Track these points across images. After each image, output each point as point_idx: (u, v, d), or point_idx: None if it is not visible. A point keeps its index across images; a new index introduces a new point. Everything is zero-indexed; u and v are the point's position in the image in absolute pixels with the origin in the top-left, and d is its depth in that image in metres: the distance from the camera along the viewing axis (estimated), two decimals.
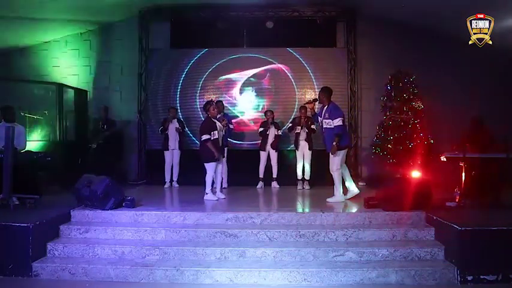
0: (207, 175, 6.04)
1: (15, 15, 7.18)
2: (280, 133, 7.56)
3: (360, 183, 7.63)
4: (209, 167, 6.00)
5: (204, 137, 5.93)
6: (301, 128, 7.21)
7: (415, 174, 5.93)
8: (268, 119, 7.47)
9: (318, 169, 7.17)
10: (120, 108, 8.78)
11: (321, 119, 5.89)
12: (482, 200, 5.23)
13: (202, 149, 6.02)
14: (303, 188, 7.29)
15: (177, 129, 7.52)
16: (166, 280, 4.10)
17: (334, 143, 5.61)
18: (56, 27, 8.30)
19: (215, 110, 6.15)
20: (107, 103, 8.48)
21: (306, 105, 6.48)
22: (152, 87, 8.79)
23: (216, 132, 6.00)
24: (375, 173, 8.16)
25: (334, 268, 4.13)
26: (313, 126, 7.12)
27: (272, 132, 7.44)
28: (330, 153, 5.73)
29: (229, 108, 8.53)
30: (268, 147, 7.47)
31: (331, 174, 5.86)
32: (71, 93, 8.16)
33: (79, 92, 8.43)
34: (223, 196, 6.23)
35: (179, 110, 8.48)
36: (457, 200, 5.31)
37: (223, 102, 7.78)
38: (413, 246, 4.40)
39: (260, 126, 7.63)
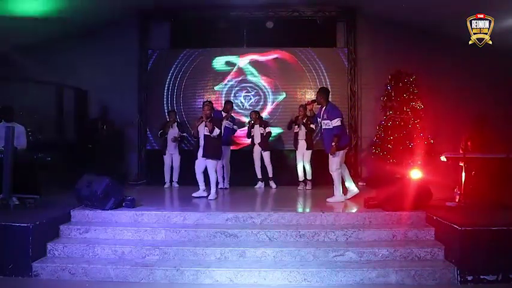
0: None
1: (15, 14, 7.18)
2: (270, 130, 7.42)
3: (359, 183, 7.63)
4: None
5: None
6: (298, 127, 7.19)
7: (415, 174, 5.93)
8: (252, 120, 7.47)
9: (318, 169, 7.16)
10: (120, 108, 8.78)
11: (320, 119, 5.89)
12: (482, 200, 5.23)
13: None
14: (305, 188, 7.26)
15: (174, 139, 7.52)
16: (166, 280, 4.10)
17: (333, 144, 5.61)
18: (56, 27, 8.29)
19: (205, 110, 6.13)
20: (107, 103, 8.48)
21: (306, 107, 6.46)
22: (152, 88, 8.80)
23: (196, 131, 6.23)
24: (374, 173, 8.16)
25: (334, 268, 4.13)
26: (312, 126, 7.08)
27: (257, 131, 7.40)
28: (330, 154, 5.73)
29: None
30: (256, 147, 7.44)
31: (331, 174, 5.86)
32: (71, 93, 8.16)
33: (79, 92, 8.42)
34: (200, 194, 6.27)
35: (179, 110, 8.49)
36: (457, 200, 5.31)
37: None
38: (413, 246, 4.40)
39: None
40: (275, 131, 8.25)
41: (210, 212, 5.20)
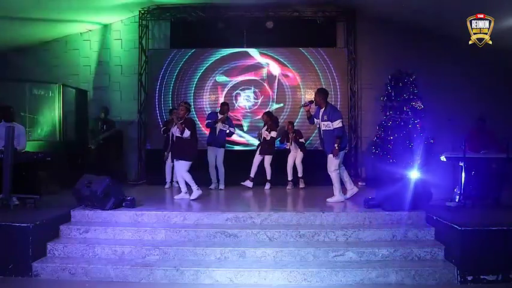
0: None
1: (15, 15, 7.18)
2: (274, 135, 7.31)
3: (360, 183, 7.64)
4: None
5: None
6: (291, 144, 7.38)
7: (415, 174, 5.92)
8: (263, 121, 7.49)
9: (316, 169, 7.12)
10: (120, 108, 8.79)
11: (318, 121, 5.81)
12: (482, 200, 5.23)
13: None
14: (293, 187, 7.34)
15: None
16: (166, 280, 4.10)
17: (336, 146, 5.57)
18: (56, 27, 8.30)
19: (178, 111, 6.13)
20: (107, 103, 8.49)
21: (303, 108, 6.37)
22: (152, 87, 8.80)
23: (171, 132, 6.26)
24: (374, 173, 8.17)
25: (334, 268, 4.13)
26: (301, 140, 7.36)
27: (262, 135, 7.38)
28: (331, 155, 5.69)
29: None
30: (258, 150, 7.42)
31: (329, 175, 5.85)
32: (71, 93, 8.16)
33: (79, 92, 8.42)
34: (182, 197, 6.14)
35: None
36: (457, 200, 5.31)
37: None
38: (413, 246, 4.40)
39: None
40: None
41: (210, 212, 5.18)
